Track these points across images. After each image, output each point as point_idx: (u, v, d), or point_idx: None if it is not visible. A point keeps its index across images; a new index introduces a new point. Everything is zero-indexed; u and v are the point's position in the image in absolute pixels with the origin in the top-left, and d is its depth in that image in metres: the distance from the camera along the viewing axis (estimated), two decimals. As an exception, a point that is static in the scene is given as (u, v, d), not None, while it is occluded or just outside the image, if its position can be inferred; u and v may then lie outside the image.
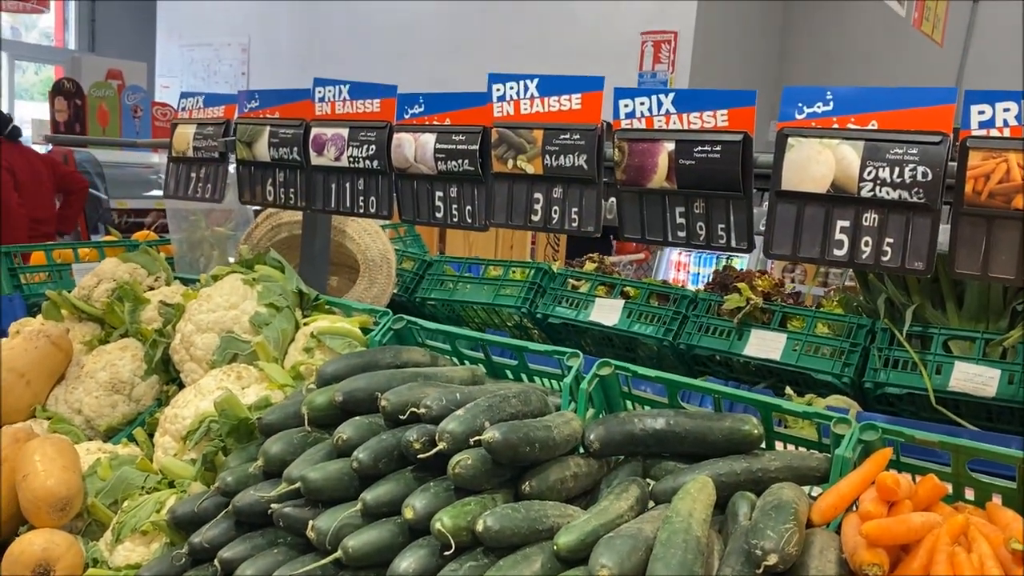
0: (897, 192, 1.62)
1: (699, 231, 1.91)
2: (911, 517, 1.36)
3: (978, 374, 2.20)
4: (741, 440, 1.65)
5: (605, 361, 1.87)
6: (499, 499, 1.54)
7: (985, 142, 1.54)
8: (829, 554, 1.36)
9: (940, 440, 1.52)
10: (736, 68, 9.78)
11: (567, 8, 9.45)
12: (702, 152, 1.83)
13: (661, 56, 9.59)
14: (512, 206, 2.12)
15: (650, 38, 9.58)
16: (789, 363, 2.45)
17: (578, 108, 1.99)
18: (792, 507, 1.37)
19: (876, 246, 1.67)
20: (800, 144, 1.72)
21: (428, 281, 3.32)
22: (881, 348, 2.36)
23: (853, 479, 1.49)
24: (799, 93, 1.73)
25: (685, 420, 1.71)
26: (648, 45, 9.61)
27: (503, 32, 9.67)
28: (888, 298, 2.40)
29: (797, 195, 1.73)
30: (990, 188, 1.54)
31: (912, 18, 6.77)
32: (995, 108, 1.53)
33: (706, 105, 1.82)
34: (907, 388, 2.27)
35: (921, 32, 7.11)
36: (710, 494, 1.52)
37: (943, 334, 2.31)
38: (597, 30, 9.42)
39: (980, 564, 1.28)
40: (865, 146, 1.65)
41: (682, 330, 2.70)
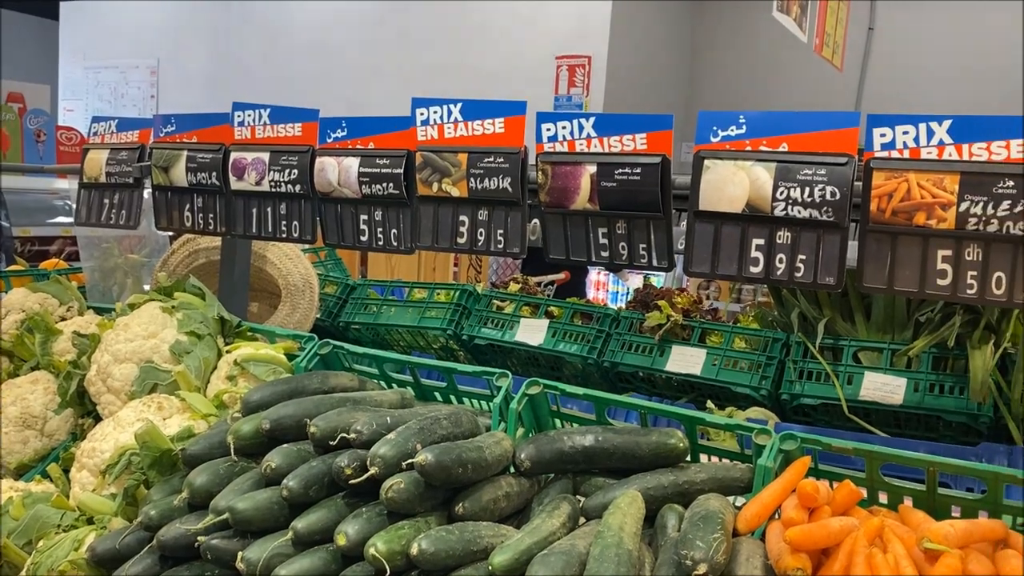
0: (808, 211, 1.70)
1: (622, 251, 1.96)
2: (831, 522, 1.42)
3: (886, 383, 2.31)
4: (668, 454, 1.69)
5: (534, 380, 1.90)
6: (433, 522, 1.54)
7: (887, 163, 1.63)
8: (755, 561, 1.40)
9: (854, 447, 1.59)
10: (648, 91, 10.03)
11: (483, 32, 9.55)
12: (623, 174, 1.88)
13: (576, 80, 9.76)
14: (438, 229, 2.13)
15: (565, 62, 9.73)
16: (709, 377, 2.53)
17: (501, 132, 2.03)
18: (719, 517, 1.41)
19: (790, 263, 1.74)
20: (716, 166, 1.78)
21: (352, 305, 3.30)
22: (796, 361, 2.45)
23: (775, 488, 1.54)
24: (714, 117, 1.80)
25: (613, 436, 1.75)
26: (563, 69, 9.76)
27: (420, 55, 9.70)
28: (801, 312, 2.50)
29: (714, 215, 1.80)
30: (893, 206, 1.63)
31: (814, 44, 7.08)
32: (895, 131, 1.63)
33: (626, 129, 1.88)
34: (821, 398, 2.36)
35: (822, 57, 7.44)
36: (640, 507, 1.56)
37: (853, 345, 2.42)
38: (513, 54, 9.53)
39: (895, 563, 1.35)
40: (777, 167, 1.72)
41: (606, 348, 2.75)
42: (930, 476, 1.56)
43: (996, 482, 1.48)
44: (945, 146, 1.59)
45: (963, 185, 1.56)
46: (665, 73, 10.54)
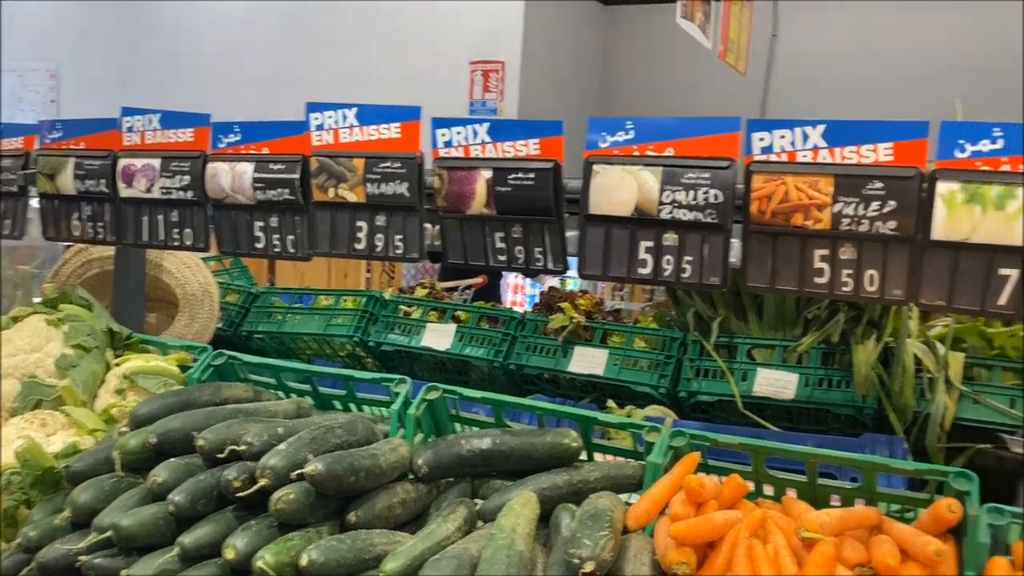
0: (693, 214, 1.74)
1: (518, 255, 1.97)
2: (715, 516, 1.46)
3: (778, 379, 2.39)
4: (562, 454, 1.72)
5: (433, 385, 1.90)
6: (325, 532, 1.52)
7: (766, 166, 1.69)
8: (643, 557, 1.43)
9: (740, 442, 1.64)
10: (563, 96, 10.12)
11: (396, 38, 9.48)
12: (516, 179, 1.89)
13: (490, 85, 9.78)
14: (335, 235, 2.11)
15: (479, 67, 9.74)
16: (611, 377, 2.57)
17: (397, 136, 2.02)
18: (607, 515, 1.44)
19: (677, 264, 1.79)
20: (605, 171, 1.82)
21: (255, 314, 3.23)
22: (693, 359, 2.51)
23: (664, 484, 1.58)
24: (603, 123, 1.84)
25: (510, 438, 1.76)
26: (477, 74, 9.76)
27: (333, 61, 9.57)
28: (696, 312, 2.57)
29: (605, 218, 1.83)
30: (772, 208, 1.69)
31: (718, 50, 7.27)
32: (773, 135, 1.69)
33: (519, 135, 1.90)
34: (717, 395, 2.43)
35: (726, 63, 7.65)
36: (534, 508, 1.57)
37: (747, 343, 2.49)
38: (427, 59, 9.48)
39: (775, 553, 1.39)
40: (663, 172, 1.76)
41: (511, 351, 2.76)
42: (810, 468, 1.62)
43: (870, 471, 1.55)
44: (819, 149, 1.65)
45: (837, 187, 1.63)
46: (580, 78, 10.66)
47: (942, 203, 1.56)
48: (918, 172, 1.58)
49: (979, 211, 1.53)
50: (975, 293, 1.58)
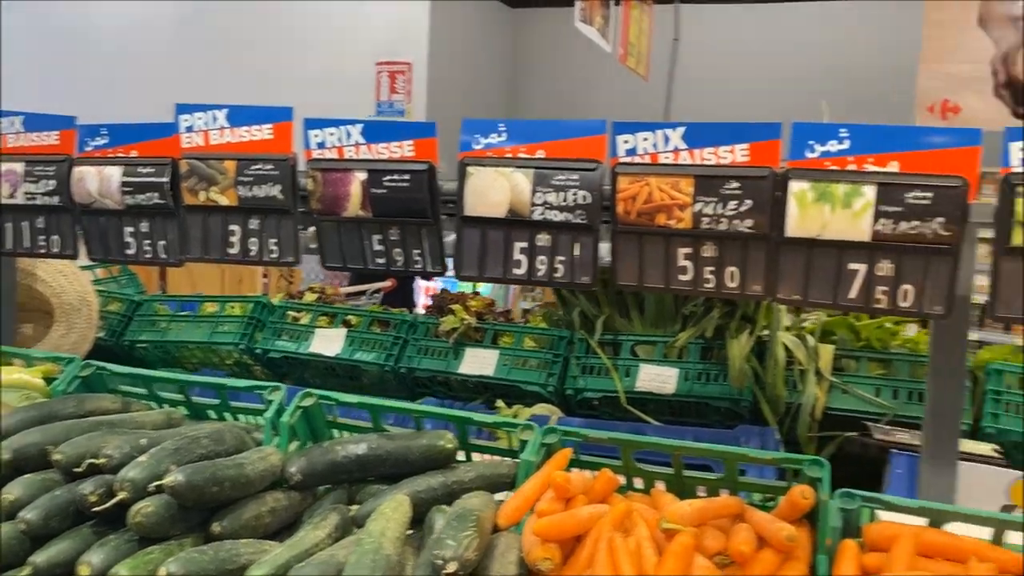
0: (563, 215, 1.77)
1: (397, 257, 1.97)
2: (580, 511, 1.48)
3: (659, 374, 2.45)
4: (437, 456, 1.72)
5: (307, 392, 1.87)
6: (187, 544, 1.48)
7: (630, 168, 1.73)
8: (510, 555, 1.45)
9: (609, 437, 1.67)
10: (471, 97, 10.14)
11: (302, 39, 9.33)
12: (392, 181, 1.89)
13: (397, 86, 9.73)
14: (207, 239, 2.06)
15: (386, 68, 9.68)
16: (501, 377, 2.59)
17: (269, 138, 1.99)
18: (474, 515, 1.44)
19: (550, 264, 1.81)
20: (479, 172, 1.83)
21: (137, 323, 3.13)
22: (579, 357, 2.55)
23: (534, 481, 1.59)
24: (476, 125, 1.85)
25: (386, 442, 1.75)
26: (384, 75, 9.70)
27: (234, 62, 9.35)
28: (582, 311, 2.61)
29: (480, 220, 1.84)
30: (637, 208, 1.73)
31: (618, 53, 7.41)
32: (636, 138, 1.73)
33: (393, 136, 1.89)
34: (602, 391, 2.48)
35: (627, 67, 7.80)
36: (405, 512, 1.56)
37: (630, 340, 2.54)
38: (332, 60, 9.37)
39: (637, 545, 1.42)
40: (535, 173, 1.79)
41: (403, 354, 2.75)
42: (675, 460, 1.66)
43: (731, 461, 1.60)
44: (680, 151, 1.70)
45: (696, 187, 1.68)
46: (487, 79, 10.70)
47: (794, 202, 1.62)
48: (771, 172, 1.64)
49: (828, 209, 1.60)
50: (828, 287, 1.65)
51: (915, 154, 1.56)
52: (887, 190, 1.56)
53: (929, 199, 1.54)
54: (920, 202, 1.54)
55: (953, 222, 1.53)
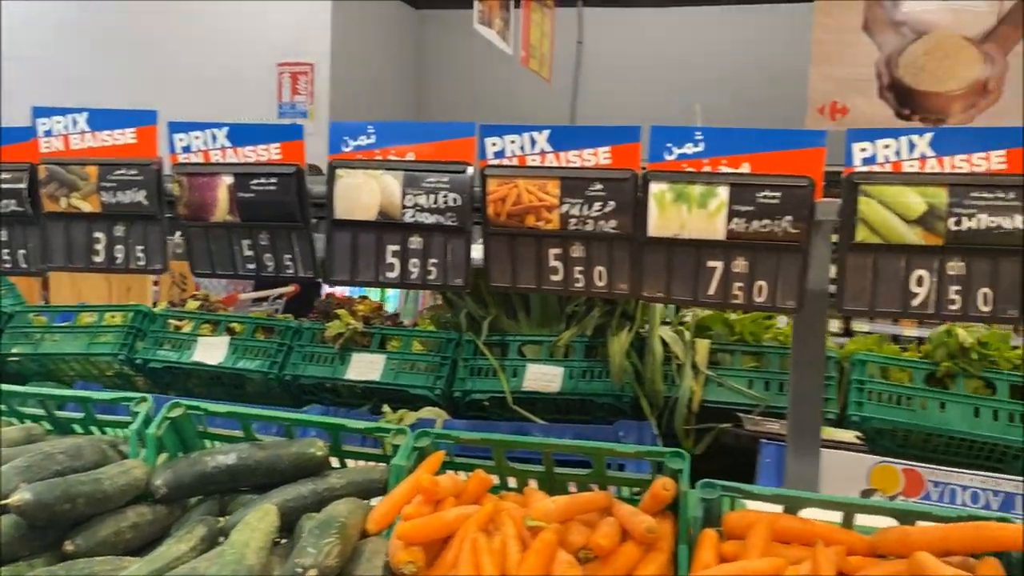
0: (435, 217, 1.77)
1: (268, 262, 1.94)
2: (446, 513, 1.49)
3: (545, 373, 2.48)
4: (307, 463, 1.70)
5: (175, 403, 1.82)
6: (39, 564, 1.42)
7: (499, 170, 1.74)
8: (377, 560, 1.44)
9: (481, 438, 1.69)
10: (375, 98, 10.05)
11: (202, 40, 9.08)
12: (259, 185, 1.86)
13: (299, 87, 9.57)
14: (71, 247, 1.99)
15: (287, 69, 9.52)
16: (388, 382, 2.57)
17: (133, 142, 1.93)
18: (338, 521, 1.43)
19: (423, 267, 1.81)
20: (348, 175, 1.81)
21: (10, 335, 2.98)
22: (467, 359, 2.56)
23: (405, 485, 1.59)
24: (345, 127, 1.83)
25: (257, 452, 1.72)
26: (286, 76, 9.54)
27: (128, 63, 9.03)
28: (469, 312, 2.62)
29: (351, 223, 1.83)
30: (507, 210, 1.75)
31: (520, 56, 7.46)
32: (504, 140, 1.74)
33: (260, 139, 1.86)
34: (489, 392, 2.49)
35: (530, 69, 7.87)
36: (272, 521, 1.54)
37: (517, 340, 2.57)
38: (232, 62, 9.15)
39: (502, 544, 1.44)
40: (404, 176, 1.78)
41: (288, 361, 2.71)
42: (546, 458, 1.68)
43: (598, 457, 1.64)
44: (546, 153, 1.73)
45: (563, 189, 1.71)
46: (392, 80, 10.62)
47: (654, 202, 1.67)
48: (633, 174, 1.68)
49: (686, 209, 1.65)
50: (688, 285, 1.70)
51: (765, 155, 1.63)
52: (739, 190, 1.62)
53: (778, 199, 1.60)
54: (770, 201, 1.60)
55: (801, 220, 1.60)
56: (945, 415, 2.20)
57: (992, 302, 1.55)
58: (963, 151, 1.54)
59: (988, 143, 1.53)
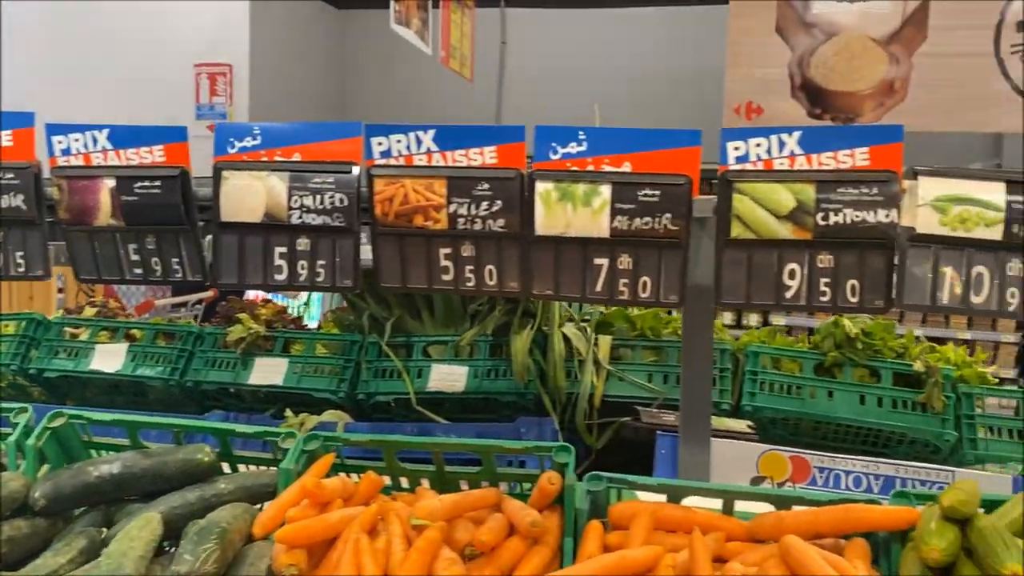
0: (322, 218, 1.76)
1: (155, 266, 1.90)
2: (330, 515, 1.48)
3: (449, 373, 2.48)
4: (195, 469, 1.67)
5: (57, 412, 1.77)
6: (-99, 585, 1.37)
7: (386, 170, 1.74)
8: (261, 564, 1.43)
9: (369, 439, 1.69)
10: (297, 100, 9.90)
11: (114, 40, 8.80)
12: (143, 188, 1.82)
13: (218, 88, 9.37)
14: (-55, 255, 1.91)
15: (205, 70, 9.30)
16: (291, 386, 2.54)
17: (10, 145, 1.87)
18: (218, 527, 1.42)
19: (311, 268, 1.80)
20: (234, 177, 1.79)
21: None
22: (370, 361, 2.55)
23: (292, 489, 1.58)
24: (229, 129, 1.81)
25: (142, 459, 1.69)
26: (203, 78, 9.32)
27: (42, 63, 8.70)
28: (371, 314, 2.61)
29: (237, 225, 1.81)
30: (395, 210, 1.75)
31: (440, 56, 7.45)
32: (390, 140, 1.74)
33: (143, 141, 1.82)
34: (393, 394, 2.48)
35: (451, 69, 7.86)
36: (153, 530, 1.52)
37: (422, 341, 2.57)
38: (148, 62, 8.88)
39: (387, 543, 1.44)
40: (290, 176, 1.77)
41: (188, 367, 2.65)
42: (436, 457, 1.69)
43: (487, 454, 1.65)
44: (432, 153, 1.73)
45: (450, 189, 1.72)
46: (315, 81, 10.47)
47: (540, 201, 1.69)
48: (519, 173, 1.70)
49: (571, 208, 1.68)
50: (576, 282, 1.73)
51: (646, 155, 1.66)
52: (621, 189, 1.65)
53: (657, 196, 1.64)
54: (650, 199, 1.64)
55: (679, 217, 1.64)
56: (832, 403, 2.28)
57: (859, 293, 1.62)
58: (830, 149, 1.60)
59: (853, 141, 1.60)
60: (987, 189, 1.55)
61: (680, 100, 8.78)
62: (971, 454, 2.22)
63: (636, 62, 9.49)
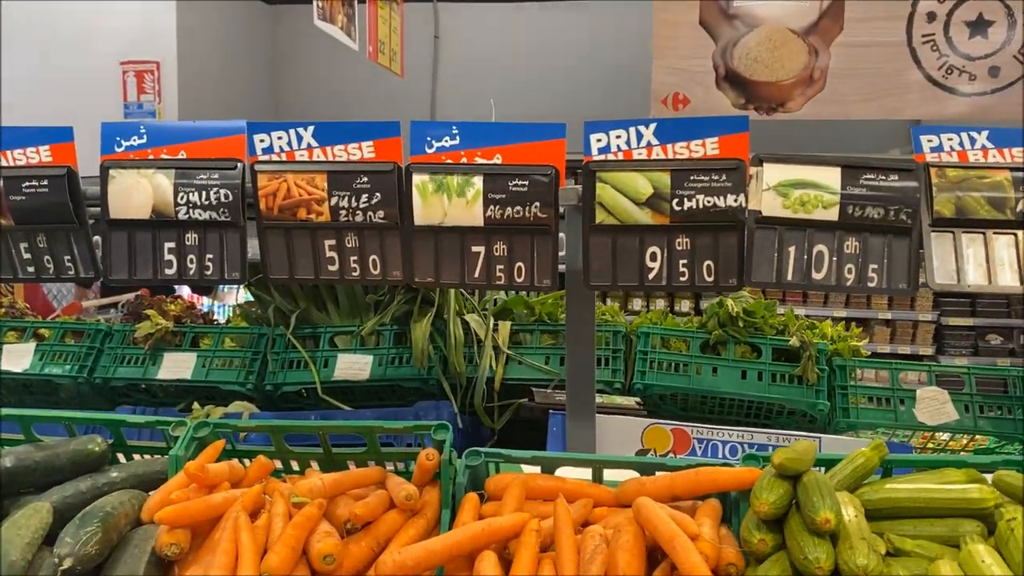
0: (208, 213, 1.83)
1: (47, 264, 1.94)
2: (212, 496, 1.55)
3: (355, 361, 2.56)
4: (86, 459, 1.72)
5: (-51, 409, 1.80)
6: None
7: (268, 165, 1.81)
8: (146, 545, 1.49)
9: (257, 424, 1.75)
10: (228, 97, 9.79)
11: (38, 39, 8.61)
12: (31, 188, 1.86)
13: (146, 86, 9.24)
14: None
15: (131, 68, 9.15)
16: (199, 380, 2.59)
17: None
18: (101, 512, 1.48)
19: (200, 262, 1.86)
20: (121, 175, 1.84)
21: None
22: (278, 353, 2.61)
23: (180, 474, 1.64)
24: (115, 128, 1.86)
25: (35, 452, 1.73)
26: (130, 75, 9.17)
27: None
28: (277, 307, 2.67)
29: (126, 222, 1.86)
30: (279, 204, 1.82)
31: (368, 51, 7.47)
32: (271, 137, 1.81)
33: (27, 142, 1.86)
34: (300, 384, 2.55)
35: (380, 65, 7.88)
36: (42, 518, 1.56)
37: (328, 331, 2.63)
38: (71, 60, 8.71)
39: (267, 521, 1.51)
40: (176, 174, 1.83)
41: (97, 364, 2.68)
42: (323, 440, 1.77)
43: (370, 434, 1.73)
44: (313, 149, 1.81)
45: (330, 183, 1.79)
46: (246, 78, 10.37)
47: (417, 193, 1.78)
48: (395, 166, 1.78)
49: (446, 199, 1.77)
50: (456, 269, 1.82)
51: (515, 147, 1.76)
52: (492, 180, 1.75)
53: (526, 186, 1.74)
54: (519, 189, 1.74)
55: (547, 205, 1.74)
56: (717, 379, 2.42)
57: (715, 273, 1.74)
58: (683, 139, 1.72)
59: (704, 131, 1.72)
60: (824, 174, 1.68)
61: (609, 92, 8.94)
62: (843, 422, 2.37)
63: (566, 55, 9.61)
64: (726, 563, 1.40)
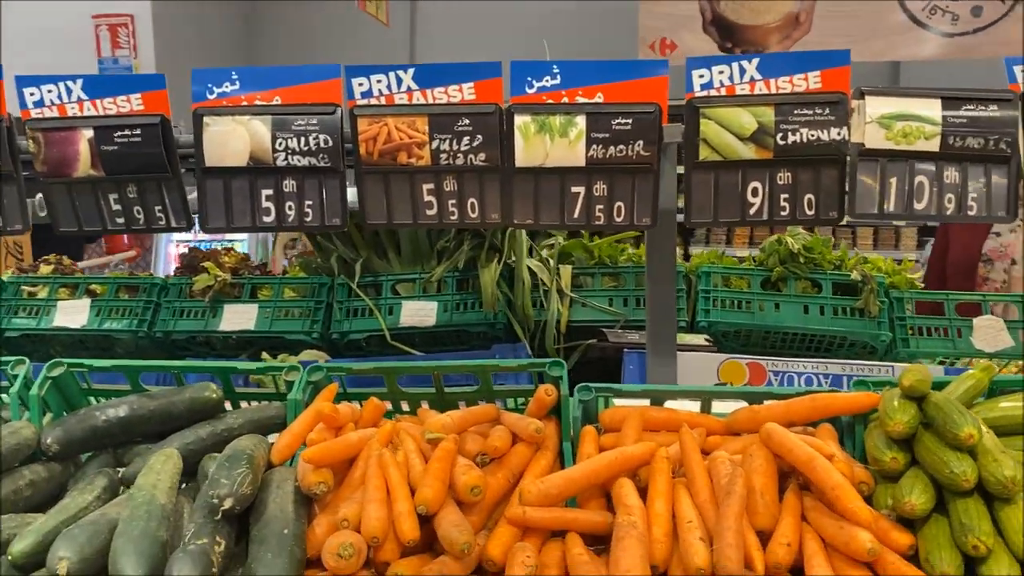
0: (307, 159, 1.82)
1: (137, 215, 1.92)
2: (349, 436, 1.58)
3: (420, 308, 2.58)
4: (203, 407, 1.74)
5: (56, 361, 1.80)
6: (-61, 531, 1.41)
7: (367, 110, 1.80)
8: (287, 486, 1.52)
9: (373, 367, 1.78)
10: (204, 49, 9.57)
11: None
12: (123, 137, 1.83)
13: (120, 41, 8.98)
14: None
15: (104, 22, 8.89)
16: (263, 330, 2.60)
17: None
18: (245, 454, 1.50)
19: (299, 209, 1.86)
20: (216, 122, 1.82)
21: None
22: (342, 301, 2.62)
23: (304, 417, 1.66)
24: (207, 74, 1.83)
25: (148, 401, 1.74)
26: (103, 29, 8.91)
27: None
28: (339, 256, 2.67)
29: (222, 170, 1.84)
30: (379, 149, 1.81)
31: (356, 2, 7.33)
32: (370, 80, 1.80)
33: (119, 90, 1.83)
34: (367, 331, 2.57)
35: (367, 14, 7.75)
36: (175, 463, 1.58)
37: (390, 280, 2.65)
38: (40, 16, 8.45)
39: (404, 457, 1.55)
40: (273, 120, 1.81)
41: (156, 319, 2.67)
42: (436, 379, 1.80)
43: (484, 374, 1.77)
44: (413, 91, 1.80)
45: (431, 126, 1.79)
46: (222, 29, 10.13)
47: (519, 135, 1.78)
48: (497, 108, 1.78)
49: (548, 139, 1.78)
50: (555, 210, 1.84)
51: (616, 85, 1.77)
52: (595, 119, 1.76)
53: (630, 125, 1.75)
54: (623, 128, 1.76)
55: (651, 144, 1.76)
56: (780, 314, 2.48)
57: (815, 207, 1.78)
58: (786, 73, 1.74)
59: (806, 65, 1.74)
60: (925, 106, 1.71)
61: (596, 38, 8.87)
62: (904, 352, 2.45)
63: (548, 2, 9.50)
64: (858, 481, 1.46)
